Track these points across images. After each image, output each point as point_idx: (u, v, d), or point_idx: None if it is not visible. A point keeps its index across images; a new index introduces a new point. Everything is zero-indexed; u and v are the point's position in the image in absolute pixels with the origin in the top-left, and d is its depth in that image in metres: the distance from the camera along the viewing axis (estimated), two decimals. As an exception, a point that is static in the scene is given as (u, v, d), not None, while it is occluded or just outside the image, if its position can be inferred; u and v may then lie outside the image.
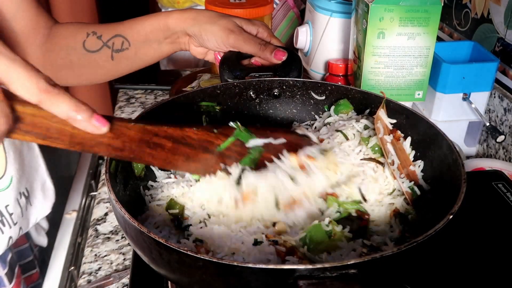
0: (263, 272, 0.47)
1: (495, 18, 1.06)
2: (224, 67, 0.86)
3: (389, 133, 0.73)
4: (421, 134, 0.74)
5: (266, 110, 0.89)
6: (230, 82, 0.84)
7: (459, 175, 0.61)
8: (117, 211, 0.57)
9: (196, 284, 0.55)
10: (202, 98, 0.83)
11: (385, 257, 0.48)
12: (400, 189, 0.69)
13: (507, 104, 1.02)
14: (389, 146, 0.71)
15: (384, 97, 0.76)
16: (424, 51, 0.95)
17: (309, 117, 0.88)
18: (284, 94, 0.88)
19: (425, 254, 0.54)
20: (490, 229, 0.76)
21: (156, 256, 0.54)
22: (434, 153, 0.71)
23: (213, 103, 0.84)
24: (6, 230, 0.86)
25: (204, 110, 0.85)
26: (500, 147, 1.05)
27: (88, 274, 0.84)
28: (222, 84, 0.84)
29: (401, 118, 0.76)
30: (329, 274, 0.46)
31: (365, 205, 0.66)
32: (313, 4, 1.23)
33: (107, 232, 0.93)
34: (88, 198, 1.29)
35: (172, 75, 1.57)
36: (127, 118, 0.80)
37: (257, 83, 0.86)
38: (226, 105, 0.86)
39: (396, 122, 0.76)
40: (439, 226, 0.52)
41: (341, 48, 1.23)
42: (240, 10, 1.26)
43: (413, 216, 0.64)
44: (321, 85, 0.86)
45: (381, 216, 0.65)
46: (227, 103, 0.85)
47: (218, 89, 0.84)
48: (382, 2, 0.91)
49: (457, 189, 0.59)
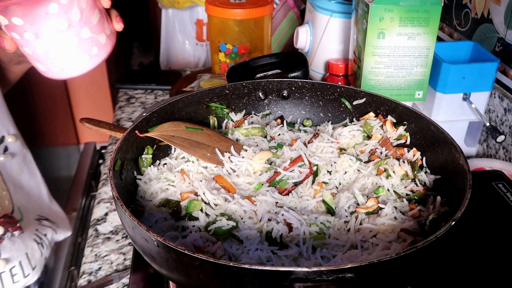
0: (259, 273, 0.47)
1: (495, 18, 1.06)
2: (232, 79, 0.87)
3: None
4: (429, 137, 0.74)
5: (275, 111, 0.90)
6: (239, 83, 0.85)
7: (465, 181, 0.61)
8: (119, 208, 0.58)
9: (195, 284, 0.55)
10: (210, 98, 0.84)
11: (383, 261, 0.48)
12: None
13: (507, 104, 1.02)
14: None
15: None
16: (424, 51, 0.95)
17: (317, 118, 0.89)
18: (293, 95, 0.88)
19: (427, 258, 0.54)
20: (490, 229, 0.75)
21: (155, 255, 0.54)
22: (440, 156, 0.71)
23: (222, 105, 0.85)
24: (44, 252, 0.88)
25: (213, 111, 0.86)
26: (500, 147, 1.05)
27: (88, 274, 0.84)
28: (231, 84, 0.85)
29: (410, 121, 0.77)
30: (325, 277, 0.46)
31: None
32: (313, 4, 1.23)
33: (107, 232, 0.93)
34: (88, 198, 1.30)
35: (172, 75, 1.57)
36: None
37: (266, 84, 0.87)
38: (234, 106, 0.86)
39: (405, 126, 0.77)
40: (441, 232, 0.52)
41: (341, 48, 1.23)
42: (240, 10, 1.26)
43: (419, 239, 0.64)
44: (330, 87, 0.86)
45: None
46: (236, 103, 0.86)
47: (227, 89, 0.85)
48: (382, 2, 0.90)
49: (461, 195, 0.59)
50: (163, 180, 0.73)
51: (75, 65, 0.71)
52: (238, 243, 0.62)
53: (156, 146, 0.78)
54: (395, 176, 0.72)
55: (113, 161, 0.65)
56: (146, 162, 0.76)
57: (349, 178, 0.74)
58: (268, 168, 0.75)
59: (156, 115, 0.78)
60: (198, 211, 0.66)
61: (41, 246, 0.91)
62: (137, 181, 0.74)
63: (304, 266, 0.48)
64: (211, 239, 0.61)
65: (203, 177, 0.73)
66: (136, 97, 1.47)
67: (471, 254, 0.71)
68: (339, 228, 0.66)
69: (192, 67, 1.94)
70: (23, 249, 0.88)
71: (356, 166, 0.74)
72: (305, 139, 0.83)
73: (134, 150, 0.75)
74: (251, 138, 0.83)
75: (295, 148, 0.79)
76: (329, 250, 0.62)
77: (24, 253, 0.88)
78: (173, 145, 0.75)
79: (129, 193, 0.71)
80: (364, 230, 0.64)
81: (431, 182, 0.73)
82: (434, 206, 0.67)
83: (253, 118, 0.89)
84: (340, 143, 0.81)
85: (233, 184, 0.71)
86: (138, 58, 3.06)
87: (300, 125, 0.91)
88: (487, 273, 0.69)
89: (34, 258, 0.90)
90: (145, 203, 0.70)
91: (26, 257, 0.88)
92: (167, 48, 1.99)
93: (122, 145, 0.70)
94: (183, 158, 0.78)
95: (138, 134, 0.73)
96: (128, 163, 0.72)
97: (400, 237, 0.62)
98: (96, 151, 1.87)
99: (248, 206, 0.66)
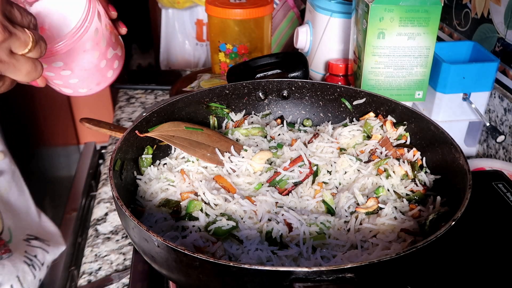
0: (259, 273, 0.47)
1: (495, 18, 1.06)
2: (232, 79, 0.87)
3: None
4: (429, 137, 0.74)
5: (275, 111, 0.90)
6: (239, 83, 0.85)
7: (465, 181, 0.61)
8: (119, 208, 0.58)
9: (195, 284, 0.55)
10: (210, 98, 0.84)
11: (383, 261, 0.48)
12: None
13: (507, 104, 1.02)
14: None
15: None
16: (424, 51, 0.95)
17: (317, 118, 0.89)
18: (293, 95, 0.88)
19: (427, 258, 0.54)
20: (490, 229, 0.75)
21: (155, 255, 0.54)
22: (440, 156, 0.71)
23: (222, 105, 0.85)
24: (37, 274, 0.88)
25: (213, 111, 0.86)
26: (500, 147, 1.05)
27: (88, 274, 0.84)
28: (231, 84, 0.85)
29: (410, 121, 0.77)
30: (325, 277, 0.46)
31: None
32: (313, 4, 1.23)
33: (107, 232, 0.93)
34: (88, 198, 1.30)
35: (172, 75, 1.58)
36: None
37: (266, 84, 0.87)
38: (234, 106, 0.86)
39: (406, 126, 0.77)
40: (441, 232, 0.52)
41: (341, 48, 1.23)
42: (240, 10, 1.26)
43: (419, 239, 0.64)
44: (330, 87, 0.86)
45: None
46: (236, 103, 0.86)
47: (227, 89, 0.85)
48: (382, 2, 0.90)
49: (461, 195, 0.59)
50: (163, 180, 0.73)
51: (101, 83, 0.74)
52: (238, 243, 0.62)
53: (156, 146, 0.78)
54: (395, 176, 0.72)
55: (113, 161, 0.65)
56: (146, 162, 0.76)
57: (349, 178, 0.74)
58: (268, 168, 0.75)
59: (156, 115, 0.78)
60: (198, 211, 0.66)
61: (32, 268, 0.88)
62: (137, 181, 0.74)
63: (304, 266, 0.48)
64: (211, 239, 0.61)
65: (203, 177, 0.73)
66: (136, 97, 1.47)
67: (471, 254, 0.71)
68: (339, 228, 0.66)
69: (192, 67, 1.94)
70: (13, 272, 0.85)
71: (356, 166, 0.74)
72: (305, 139, 0.83)
73: (134, 150, 0.75)
74: (251, 138, 0.83)
75: (295, 148, 0.79)
76: (329, 250, 0.62)
77: (15, 276, 0.85)
78: (173, 145, 0.75)
79: (129, 193, 0.71)
80: (364, 230, 0.64)
81: (431, 182, 0.73)
82: (434, 206, 0.67)
83: (253, 118, 0.89)
84: (340, 143, 0.81)
85: (233, 184, 0.71)
86: (136, 59, 3.06)
87: (300, 125, 0.91)
88: (487, 273, 0.69)
89: (26, 281, 0.87)
90: (145, 203, 0.70)
91: (17, 280, 0.86)
92: (167, 48, 1.99)
93: (122, 145, 0.70)
94: (183, 158, 0.78)
95: (138, 134, 0.73)
96: (128, 163, 0.72)
97: (400, 237, 0.62)
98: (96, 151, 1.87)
99: (248, 206, 0.66)
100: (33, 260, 0.88)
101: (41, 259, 0.89)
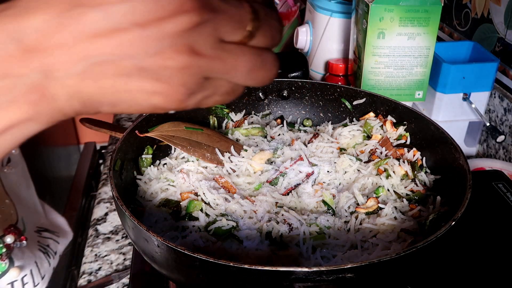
0: (259, 273, 0.47)
1: (495, 18, 1.06)
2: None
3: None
4: (429, 137, 0.74)
5: (275, 111, 0.90)
6: None
7: (465, 181, 0.61)
8: (119, 208, 0.58)
9: (195, 284, 0.55)
10: None
11: (383, 261, 0.48)
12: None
13: (507, 104, 1.02)
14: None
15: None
16: (424, 51, 0.95)
17: (317, 118, 0.89)
18: (293, 95, 0.88)
19: (427, 258, 0.54)
20: (490, 229, 0.75)
21: (156, 255, 0.54)
22: (440, 156, 0.71)
23: (222, 105, 0.85)
24: (51, 262, 0.89)
25: (213, 111, 0.86)
26: (500, 147, 1.05)
27: (88, 274, 0.84)
28: None
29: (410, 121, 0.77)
30: (325, 277, 0.46)
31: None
32: (313, 4, 1.23)
33: (107, 232, 0.93)
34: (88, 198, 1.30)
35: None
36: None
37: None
38: (234, 106, 0.86)
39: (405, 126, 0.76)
40: (441, 232, 0.52)
41: (341, 48, 1.23)
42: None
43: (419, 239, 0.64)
44: (330, 87, 0.86)
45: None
46: (236, 103, 0.86)
47: None
48: (382, 2, 0.90)
49: (461, 195, 0.59)
50: (163, 180, 0.73)
51: None
52: (238, 243, 0.62)
53: (156, 146, 0.78)
54: (395, 176, 0.72)
55: (113, 161, 0.65)
56: (146, 162, 0.76)
57: (349, 178, 0.74)
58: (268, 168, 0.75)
59: (156, 115, 0.78)
60: (198, 211, 0.66)
61: (47, 256, 0.90)
62: (137, 181, 0.74)
63: (304, 266, 0.48)
64: (211, 239, 0.61)
65: (203, 177, 0.73)
66: (136, 97, 1.46)
67: (471, 254, 0.71)
68: (339, 228, 0.66)
69: (192, 67, 1.94)
70: (32, 258, 0.87)
71: (356, 166, 0.74)
72: (305, 139, 0.83)
73: (134, 150, 0.75)
74: (251, 138, 0.83)
75: (295, 148, 0.79)
76: (329, 250, 0.62)
77: (34, 261, 0.87)
78: (173, 145, 0.75)
79: (129, 193, 0.71)
80: (364, 230, 0.64)
81: (431, 182, 0.73)
82: (434, 206, 0.67)
83: (253, 118, 0.89)
84: (340, 143, 0.81)
85: (233, 184, 0.71)
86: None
87: (300, 125, 0.91)
88: (487, 273, 0.69)
89: (43, 267, 0.89)
90: (145, 203, 0.70)
91: (36, 266, 0.87)
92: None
93: (122, 145, 0.70)
94: (183, 158, 0.78)
95: (138, 134, 0.73)
96: (128, 163, 0.72)
97: (400, 237, 0.62)
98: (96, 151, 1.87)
99: (248, 206, 0.66)
100: (47, 249, 0.89)
101: (53, 248, 0.90)
